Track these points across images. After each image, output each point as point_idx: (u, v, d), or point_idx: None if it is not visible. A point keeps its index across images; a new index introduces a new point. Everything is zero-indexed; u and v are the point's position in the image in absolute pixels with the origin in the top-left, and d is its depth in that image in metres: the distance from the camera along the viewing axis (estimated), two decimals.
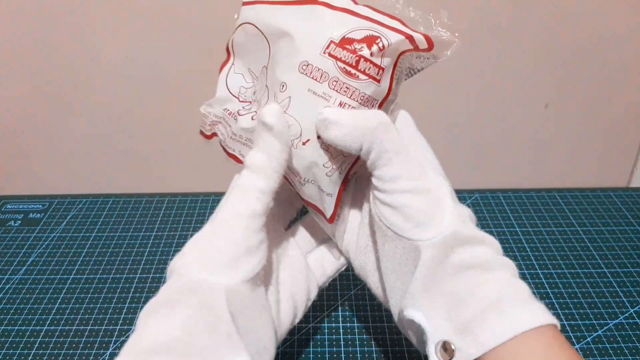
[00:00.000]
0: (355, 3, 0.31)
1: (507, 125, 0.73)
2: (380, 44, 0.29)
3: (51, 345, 0.42)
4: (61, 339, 0.42)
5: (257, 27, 0.32)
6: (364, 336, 0.42)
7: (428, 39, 0.30)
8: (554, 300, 0.45)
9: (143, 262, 0.50)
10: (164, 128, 0.73)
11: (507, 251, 0.46)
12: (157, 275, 0.48)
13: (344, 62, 0.29)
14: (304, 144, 0.30)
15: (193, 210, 0.57)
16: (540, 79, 0.69)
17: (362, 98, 0.30)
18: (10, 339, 0.42)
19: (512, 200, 0.58)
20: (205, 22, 0.64)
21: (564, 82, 0.70)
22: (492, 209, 0.56)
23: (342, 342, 0.41)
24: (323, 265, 0.36)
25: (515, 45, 0.66)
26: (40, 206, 0.58)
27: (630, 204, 0.57)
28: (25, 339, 0.42)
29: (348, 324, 0.43)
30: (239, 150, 0.35)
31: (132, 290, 0.47)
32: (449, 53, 0.31)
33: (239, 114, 0.34)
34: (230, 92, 0.35)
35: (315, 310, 0.44)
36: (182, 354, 0.25)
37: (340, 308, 0.45)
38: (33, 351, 0.41)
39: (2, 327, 0.43)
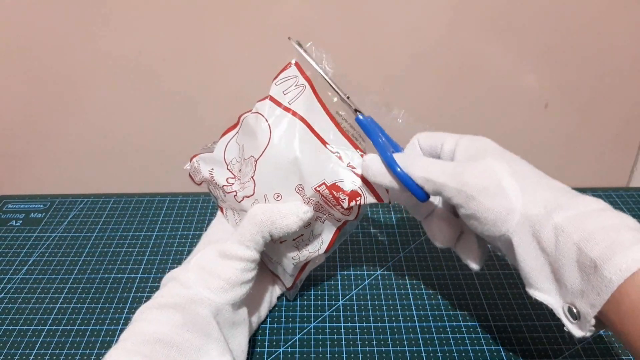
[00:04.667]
0: (362, 155, 0.38)
1: (507, 125, 0.73)
2: (359, 202, 0.37)
3: (52, 345, 0.42)
4: (63, 339, 0.42)
5: (269, 127, 0.37)
6: (365, 336, 0.42)
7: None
8: None
9: (144, 262, 0.50)
10: (164, 128, 0.73)
11: None
12: (159, 275, 0.48)
13: (326, 199, 0.37)
14: (281, 242, 0.39)
15: (194, 210, 0.57)
16: (540, 79, 0.70)
17: (331, 216, 0.39)
18: (12, 339, 0.42)
19: None
20: (211, 24, 0.64)
21: (564, 82, 0.70)
22: None
23: (343, 342, 0.41)
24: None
25: (516, 45, 0.66)
26: (41, 206, 0.58)
27: (631, 203, 0.57)
28: (27, 338, 0.42)
29: (349, 324, 0.43)
30: (226, 209, 0.42)
31: (134, 290, 0.47)
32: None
33: (224, 191, 0.40)
34: (224, 157, 0.40)
35: (317, 310, 0.45)
36: (181, 348, 0.32)
37: (341, 308, 0.45)
38: (35, 351, 0.41)
39: (4, 327, 0.43)
